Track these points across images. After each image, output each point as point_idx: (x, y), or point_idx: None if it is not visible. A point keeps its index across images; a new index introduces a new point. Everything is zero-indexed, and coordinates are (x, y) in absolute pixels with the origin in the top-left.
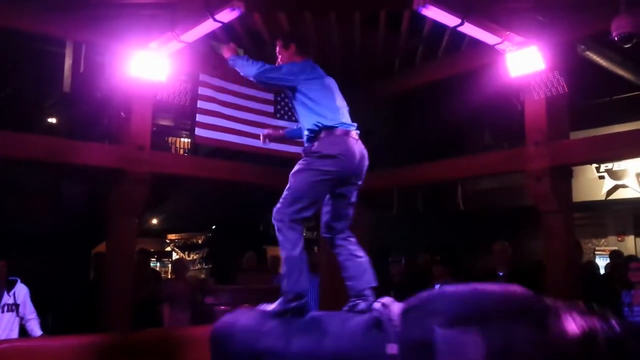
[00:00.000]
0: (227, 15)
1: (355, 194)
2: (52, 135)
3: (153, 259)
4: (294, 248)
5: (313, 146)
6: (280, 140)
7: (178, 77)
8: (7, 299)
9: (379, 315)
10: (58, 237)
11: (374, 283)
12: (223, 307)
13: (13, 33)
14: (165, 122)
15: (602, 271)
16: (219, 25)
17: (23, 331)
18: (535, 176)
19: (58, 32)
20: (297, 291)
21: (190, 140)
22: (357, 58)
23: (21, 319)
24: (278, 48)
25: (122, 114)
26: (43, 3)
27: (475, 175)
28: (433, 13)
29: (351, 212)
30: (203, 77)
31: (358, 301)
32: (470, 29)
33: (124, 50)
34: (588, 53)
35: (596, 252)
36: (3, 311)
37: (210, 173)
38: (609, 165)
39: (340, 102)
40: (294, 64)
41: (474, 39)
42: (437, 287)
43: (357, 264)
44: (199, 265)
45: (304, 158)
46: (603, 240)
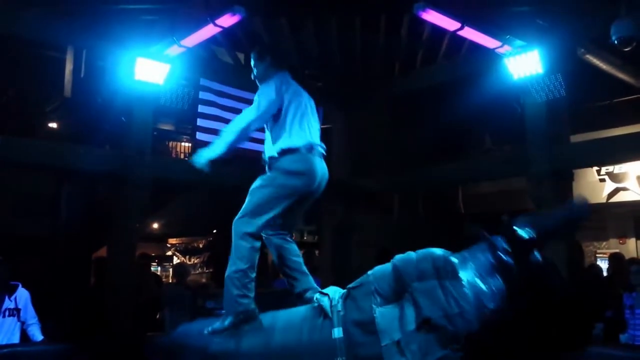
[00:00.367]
0: (228, 20)
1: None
2: (53, 139)
3: (154, 264)
4: (245, 262)
5: (278, 162)
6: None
7: (179, 82)
8: (9, 303)
9: (322, 303)
10: (59, 242)
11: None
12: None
13: (14, 38)
14: (166, 127)
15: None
16: (220, 29)
17: (24, 336)
18: (536, 179)
19: (59, 38)
20: (239, 311)
21: (191, 144)
22: (358, 62)
23: (22, 323)
24: (253, 61)
25: (123, 118)
26: (44, 9)
27: (476, 178)
28: (433, 17)
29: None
30: (204, 82)
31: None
32: (470, 33)
33: (124, 55)
34: (588, 56)
35: (597, 255)
36: (4, 316)
37: (211, 177)
38: (610, 168)
39: (313, 121)
40: (266, 91)
41: (474, 43)
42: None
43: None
44: (200, 270)
45: (268, 173)
46: (604, 243)
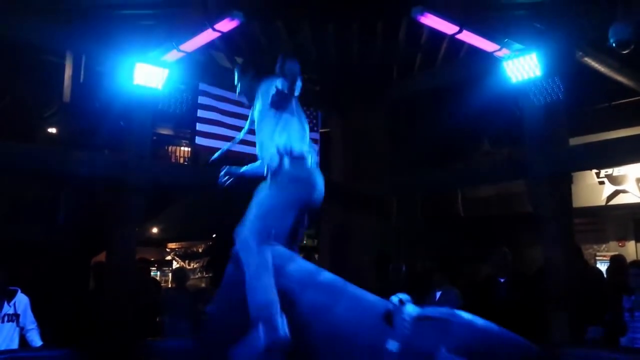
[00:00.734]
0: (226, 25)
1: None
2: (52, 144)
3: (153, 268)
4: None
5: (281, 169)
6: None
7: (177, 87)
8: (8, 309)
9: (394, 310)
10: (58, 247)
11: None
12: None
13: (13, 43)
14: (165, 131)
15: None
16: (218, 34)
17: (23, 341)
18: (535, 182)
19: (58, 43)
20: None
21: (190, 149)
22: (356, 66)
23: (21, 329)
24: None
25: (122, 123)
26: (43, 14)
27: (475, 182)
28: (431, 21)
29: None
30: (203, 86)
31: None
32: (468, 37)
33: (123, 60)
34: (586, 59)
35: (597, 258)
36: (3, 321)
37: (211, 182)
38: (609, 170)
39: (306, 128)
40: (270, 81)
41: (473, 47)
42: (439, 295)
43: None
44: (200, 274)
45: (272, 181)
46: (604, 246)
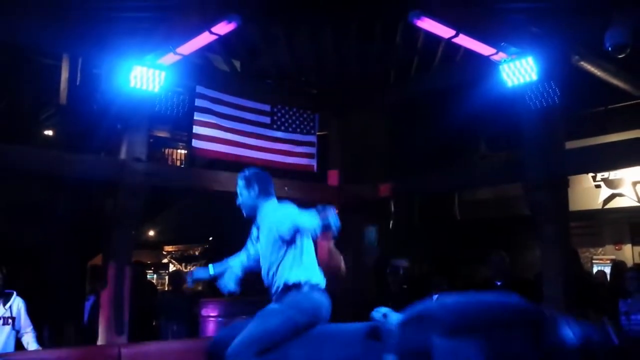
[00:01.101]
0: (224, 28)
1: None
2: (49, 147)
3: (150, 271)
4: None
5: (290, 296)
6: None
7: (174, 89)
8: (4, 312)
9: (378, 324)
10: (54, 250)
11: None
12: (220, 319)
13: (10, 45)
14: (162, 134)
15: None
16: (215, 37)
17: (19, 345)
18: (532, 186)
19: (55, 45)
20: None
21: (186, 151)
22: (353, 69)
23: (17, 332)
24: (238, 187)
25: (119, 125)
26: (40, 16)
27: (472, 185)
28: (428, 25)
29: None
30: (199, 89)
31: None
32: (464, 41)
33: (120, 63)
34: (582, 63)
35: (594, 261)
36: None
37: (207, 184)
38: (605, 174)
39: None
40: (288, 208)
41: (469, 50)
42: (435, 297)
43: None
44: None
45: (280, 304)
46: (600, 250)
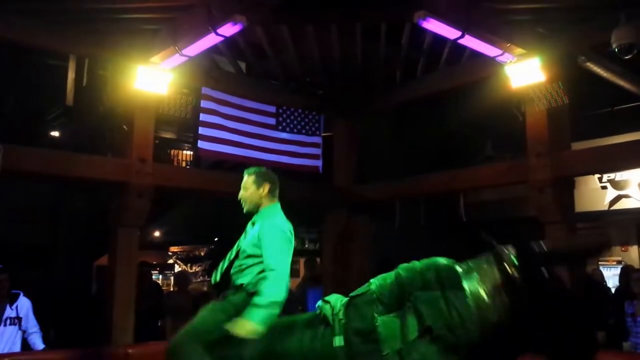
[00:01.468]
0: (229, 29)
1: None
2: (55, 148)
3: (155, 272)
4: None
5: (239, 298)
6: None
7: (180, 91)
8: (10, 312)
9: (324, 311)
10: (60, 250)
11: None
12: None
13: (16, 47)
14: (168, 135)
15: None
16: (221, 39)
17: (25, 345)
18: (538, 187)
19: (61, 46)
20: None
21: (192, 152)
22: (359, 70)
23: (23, 332)
24: (245, 180)
25: (125, 127)
26: (46, 17)
27: (478, 186)
28: (434, 26)
29: None
30: (205, 90)
31: None
32: (470, 42)
33: (126, 64)
34: (589, 64)
35: (600, 263)
36: (5, 324)
37: (213, 185)
38: (612, 175)
39: None
40: (282, 235)
41: (475, 51)
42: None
43: None
44: (202, 278)
45: (227, 303)
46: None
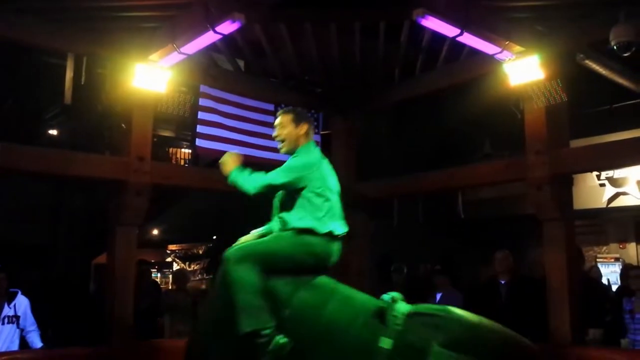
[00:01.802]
0: (228, 27)
1: None
2: (53, 146)
3: (154, 270)
4: None
5: (304, 238)
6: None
7: (178, 89)
8: (8, 310)
9: (386, 307)
10: (59, 249)
11: None
12: None
13: (14, 45)
14: (166, 133)
15: (605, 279)
16: (220, 37)
17: (24, 343)
18: (536, 185)
19: (59, 45)
20: None
21: (190, 151)
22: (357, 68)
23: (22, 330)
24: (282, 119)
25: (123, 125)
26: (44, 16)
27: (476, 184)
28: (432, 24)
29: None
30: (204, 89)
31: None
32: (469, 39)
33: (124, 62)
34: (587, 62)
35: (598, 260)
36: (3, 323)
37: (211, 184)
38: (610, 172)
39: (337, 199)
40: (302, 160)
41: (474, 49)
42: (439, 297)
43: None
44: (200, 276)
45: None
46: (605, 248)
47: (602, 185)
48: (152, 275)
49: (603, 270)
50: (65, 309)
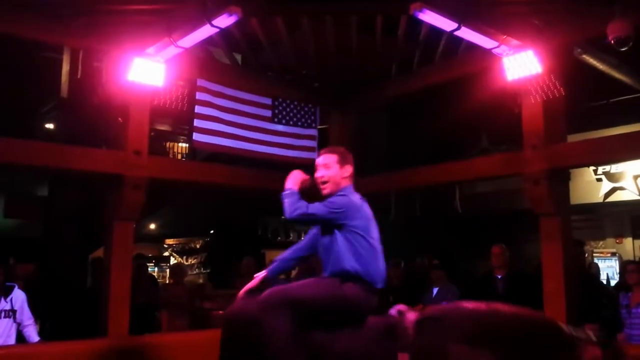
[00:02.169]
0: (225, 21)
1: None
2: (50, 140)
3: (151, 264)
4: None
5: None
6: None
7: (175, 82)
8: (4, 305)
9: (394, 322)
10: (55, 243)
11: None
12: (221, 312)
13: (10, 39)
14: (163, 127)
15: (602, 274)
16: (216, 30)
17: (20, 337)
18: (533, 179)
19: (55, 39)
20: None
21: (187, 145)
22: (354, 62)
23: (18, 325)
24: (327, 160)
25: (120, 119)
26: (40, 10)
27: (473, 178)
28: (430, 18)
29: None
30: (201, 82)
31: None
32: (467, 33)
33: (121, 56)
34: (585, 56)
35: (594, 255)
36: (0, 317)
37: (208, 178)
38: (607, 167)
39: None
40: (343, 199)
41: (471, 43)
42: (435, 291)
43: None
44: (197, 270)
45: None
46: (601, 243)
47: (599, 180)
48: (149, 269)
49: (600, 264)
50: (62, 304)
